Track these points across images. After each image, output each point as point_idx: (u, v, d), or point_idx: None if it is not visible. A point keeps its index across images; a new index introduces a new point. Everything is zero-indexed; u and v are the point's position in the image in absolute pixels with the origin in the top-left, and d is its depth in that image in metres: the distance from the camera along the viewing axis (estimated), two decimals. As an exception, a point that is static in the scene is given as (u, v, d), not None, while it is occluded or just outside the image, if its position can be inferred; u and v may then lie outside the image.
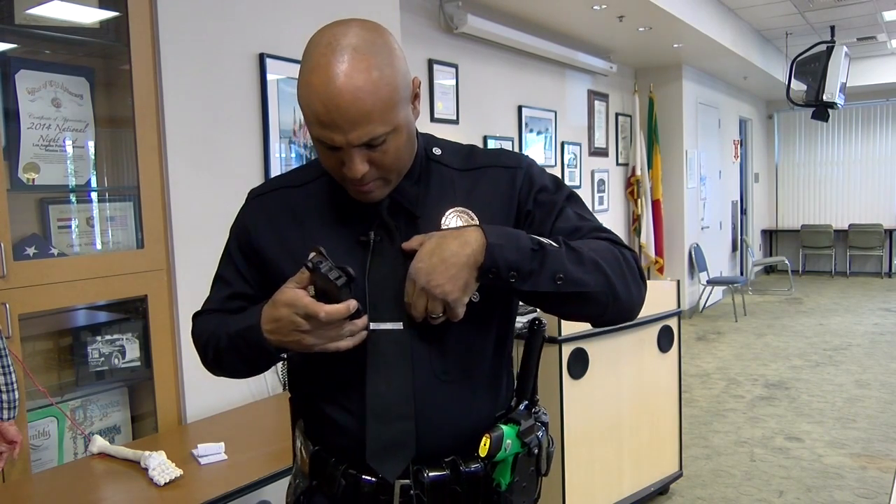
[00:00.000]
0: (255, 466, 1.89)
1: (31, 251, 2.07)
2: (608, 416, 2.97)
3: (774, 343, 6.53)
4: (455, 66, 4.64)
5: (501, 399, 1.15)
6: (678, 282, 3.44)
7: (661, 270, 7.33)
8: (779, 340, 6.62)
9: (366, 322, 1.02)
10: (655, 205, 7.26)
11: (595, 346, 2.89)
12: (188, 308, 1.25)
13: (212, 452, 1.96)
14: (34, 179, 2.11)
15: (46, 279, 2.03)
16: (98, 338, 2.28)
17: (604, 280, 1.01)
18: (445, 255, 0.97)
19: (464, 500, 1.07)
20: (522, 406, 1.12)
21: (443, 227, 1.07)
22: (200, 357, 1.20)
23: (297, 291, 0.98)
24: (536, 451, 1.11)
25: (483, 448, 1.04)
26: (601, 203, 6.72)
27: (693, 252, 7.82)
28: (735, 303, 7.81)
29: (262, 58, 2.62)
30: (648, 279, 1.11)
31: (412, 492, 1.05)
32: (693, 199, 7.85)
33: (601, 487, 2.96)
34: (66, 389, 2.22)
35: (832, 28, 6.67)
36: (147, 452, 1.88)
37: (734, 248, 9.68)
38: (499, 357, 1.15)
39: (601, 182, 6.71)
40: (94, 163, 2.31)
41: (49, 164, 2.14)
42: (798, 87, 6.11)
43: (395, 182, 1.06)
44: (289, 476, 1.26)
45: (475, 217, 1.08)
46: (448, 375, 1.07)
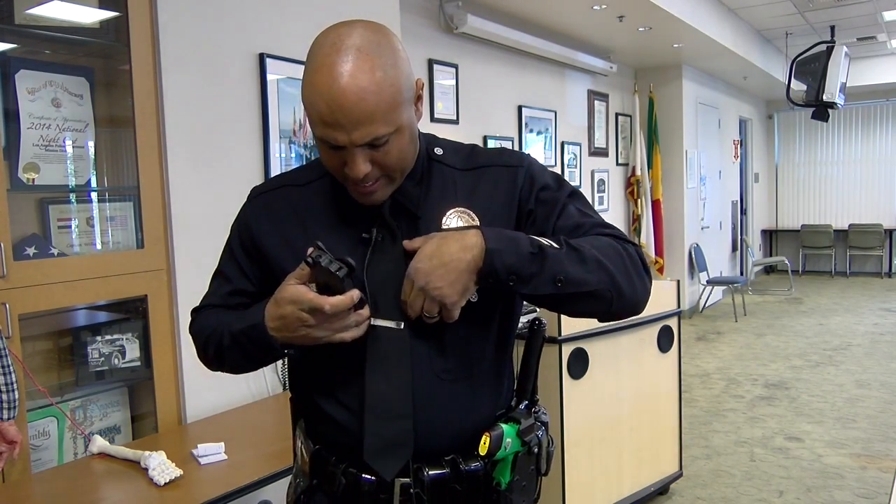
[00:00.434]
0: (256, 466, 1.89)
1: (31, 251, 2.07)
2: (608, 416, 2.97)
3: (774, 343, 6.53)
4: (455, 66, 4.64)
5: (502, 398, 1.15)
6: (678, 282, 3.43)
7: (661, 270, 7.33)
8: (779, 340, 6.62)
9: (369, 311, 1.02)
10: (655, 205, 7.26)
11: (595, 346, 2.89)
12: (188, 308, 1.25)
13: (212, 452, 1.96)
14: (34, 179, 2.11)
15: (46, 279, 2.03)
16: (98, 338, 2.28)
17: (606, 277, 1.02)
18: (445, 259, 0.97)
19: (464, 499, 1.07)
20: (522, 405, 1.13)
21: (443, 228, 1.07)
22: (198, 352, 1.20)
23: (300, 287, 0.99)
24: (536, 451, 1.11)
25: (483, 446, 1.04)
26: (601, 203, 6.72)
27: (693, 252, 7.82)
28: (735, 303, 7.81)
29: (262, 58, 2.62)
30: (648, 279, 1.12)
31: (412, 490, 1.05)
32: (693, 199, 7.85)
33: (601, 487, 2.96)
34: (66, 389, 2.22)
35: (832, 28, 6.67)
36: (147, 452, 1.89)
37: (734, 248, 9.68)
38: (500, 356, 1.15)
39: (601, 182, 6.71)
40: (94, 163, 2.31)
41: (49, 164, 2.15)
42: (798, 87, 6.11)
43: (398, 183, 1.06)
44: (289, 476, 1.26)
45: (475, 217, 1.09)
46: (449, 374, 1.07)
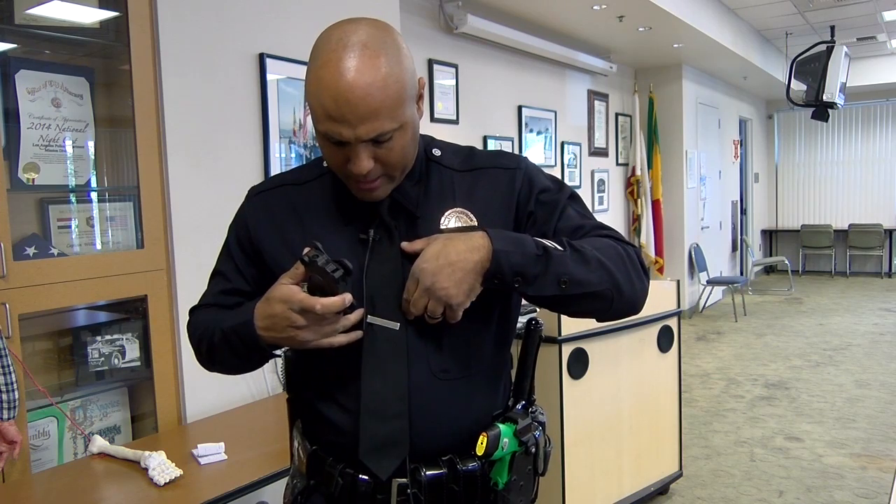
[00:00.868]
0: (255, 466, 1.90)
1: (31, 251, 2.07)
2: (608, 416, 2.97)
3: (774, 343, 6.53)
4: (455, 66, 4.64)
5: (500, 398, 1.16)
6: (678, 282, 3.43)
7: (661, 270, 7.33)
8: (779, 340, 6.62)
9: (359, 316, 1.02)
10: (655, 205, 7.26)
11: (595, 346, 2.89)
12: (188, 308, 1.25)
13: (212, 452, 1.96)
14: (34, 179, 2.11)
15: (46, 279, 2.04)
16: (98, 338, 2.28)
17: (608, 278, 1.03)
18: (452, 259, 0.97)
19: (461, 499, 1.07)
20: (520, 405, 1.13)
21: (442, 228, 1.07)
22: (195, 352, 1.21)
23: (292, 287, 0.99)
24: (533, 451, 1.11)
25: (480, 447, 1.04)
26: (601, 203, 6.71)
27: (693, 252, 7.81)
28: (735, 303, 7.81)
29: (262, 58, 2.62)
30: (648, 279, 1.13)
31: (409, 490, 1.05)
32: (693, 199, 7.84)
33: (601, 487, 2.96)
34: (66, 389, 2.22)
35: (832, 28, 6.65)
36: (147, 452, 1.89)
37: (734, 248, 9.67)
38: (499, 355, 1.15)
39: (601, 182, 6.71)
40: (94, 163, 2.31)
41: (49, 164, 2.15)
42: (798, 87, 6.11)
43: (398, 180, 1.06)
44: (288, 476, 1.26)
45: (474, 218, 1.09)
46: (446, 374, 1.07)
